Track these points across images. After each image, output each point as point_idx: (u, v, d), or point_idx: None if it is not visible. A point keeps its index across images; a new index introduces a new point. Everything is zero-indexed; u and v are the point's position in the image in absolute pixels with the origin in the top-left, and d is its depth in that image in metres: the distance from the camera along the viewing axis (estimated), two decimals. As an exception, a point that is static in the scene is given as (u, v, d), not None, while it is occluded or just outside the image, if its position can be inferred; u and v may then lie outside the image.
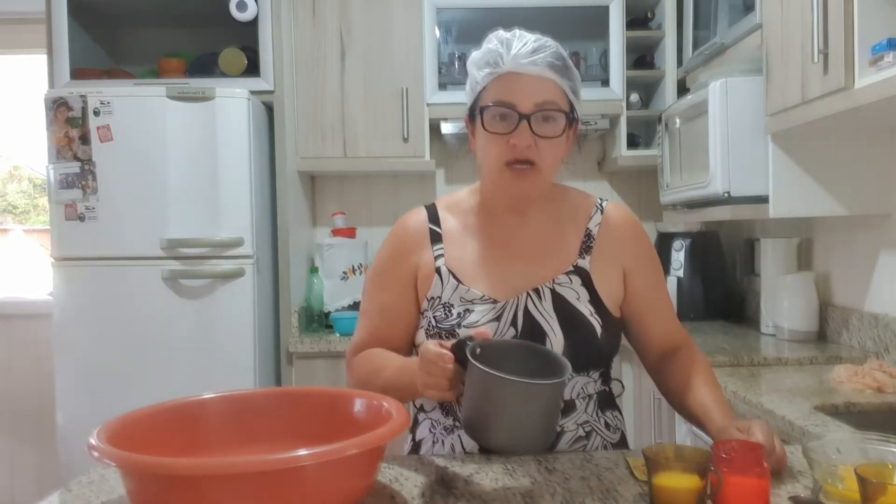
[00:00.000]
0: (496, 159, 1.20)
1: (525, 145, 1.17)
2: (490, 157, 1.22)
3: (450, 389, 1.07)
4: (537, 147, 1.18)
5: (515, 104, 1.17)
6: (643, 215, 3.35)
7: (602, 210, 1.32)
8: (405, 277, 1.29)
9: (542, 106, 1.18)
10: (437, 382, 1.06)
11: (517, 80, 1.18)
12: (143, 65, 3.08)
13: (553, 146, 1.20)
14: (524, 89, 1.17)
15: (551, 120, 1.19)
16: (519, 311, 1.22)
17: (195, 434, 1.08)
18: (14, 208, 4.00)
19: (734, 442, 0.95)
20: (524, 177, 1.20)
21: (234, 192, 2.60)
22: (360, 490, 0.95)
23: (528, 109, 1.17)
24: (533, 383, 0.98)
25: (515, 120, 1.17)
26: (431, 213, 1.33)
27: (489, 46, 1.21)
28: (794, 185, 2.09)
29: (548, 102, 1.18)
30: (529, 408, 0.97)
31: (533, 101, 1.17)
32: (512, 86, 1.18)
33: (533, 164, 1.19)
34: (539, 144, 1.18)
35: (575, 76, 1.23)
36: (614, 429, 1.30)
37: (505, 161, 1.20)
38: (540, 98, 1.18)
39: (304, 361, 2.81)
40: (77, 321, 2.59)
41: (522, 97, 1.17)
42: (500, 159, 1.20)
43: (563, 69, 1.20)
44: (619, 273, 1.29)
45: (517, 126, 1.17)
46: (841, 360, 2.04)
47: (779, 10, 1.97)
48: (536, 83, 1.18)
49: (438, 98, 2.98)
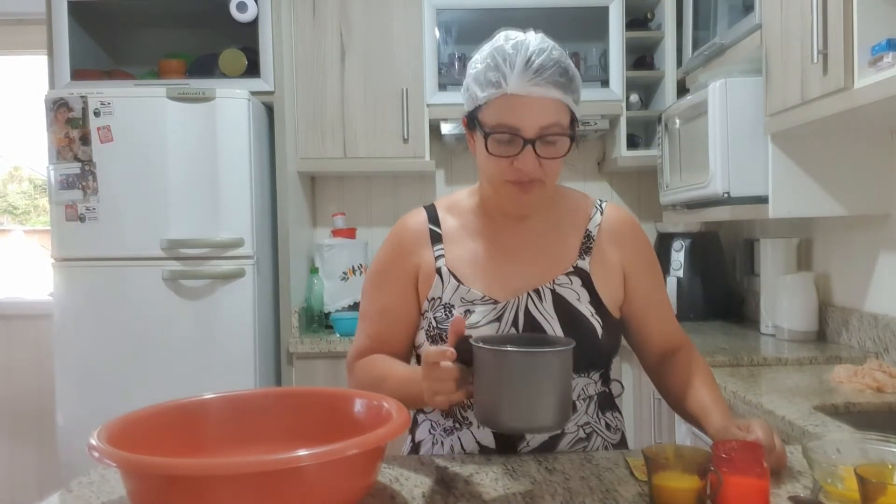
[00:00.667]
0: (498, 176, 1.19)
1: (530, 168, 1.16)
2: (491, 172, 1.20)
3: (457, 390, 1.04)
4: (542, 167, 1.17)
5: (520, 129, 1.14)
6: (643, 216, 3.35)
7: (601, 211, 1.32)
8: (405, 279, 1.29)
9: (546, 129, 1.14)
10: (444, 385, 1.04)
11: (520, 102, 1.13)
12: (144, 65, 3.08)
13: (556, 162, 1.18)
14: (529, 113, 1.13)
15: (556, 143, 1.17)
16: (520, 311, 1.22)
17: (196, 434, 1.08)
18: (14, 209, 4.00)
19: (734, 442, 0.95)
20: (529, 191, 1.19)
21: (235, 193, 2.60)
22: (361, 490, 0.95)
23: (533, 134, 1.14)
24: (539, 352, 0.98)
25: (520, 144, 1.14)
26: (431, 214, 1.33)
27: (490, 63, 1.15)
28: (794, 185, 2.09)
29: (552, 125, 1.14)
30: (540, 382, 0.96)
31: (538, 125, 1.14)
32: (515, 109, 1.14)
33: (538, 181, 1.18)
34: (544, 165, 1.17)
35: (578, 85, 1.19)
36: (615, 430, 1.30)
37: (508, 180, 1.19)
38: (545, 121, 1.14)
39: (304, 362, 2.81)
40: (77, 322, 2.59)
41: (527, 121, 1.13)
42: (501, 176, 1.19)
43: (568, 83, 1.16)
44: (619, 274, 1.29)
45: (522, 150, 1.15)
46: (841, 361, 2.04)
47: (778, 11, 1.97)
48: (540, 105, 1.14)
49: (438, 98, 2.99)
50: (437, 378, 1.04)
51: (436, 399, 1.06)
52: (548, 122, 1.14)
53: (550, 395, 0.97)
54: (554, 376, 0.98)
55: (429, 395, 1.06)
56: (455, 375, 1.03)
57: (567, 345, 1.01)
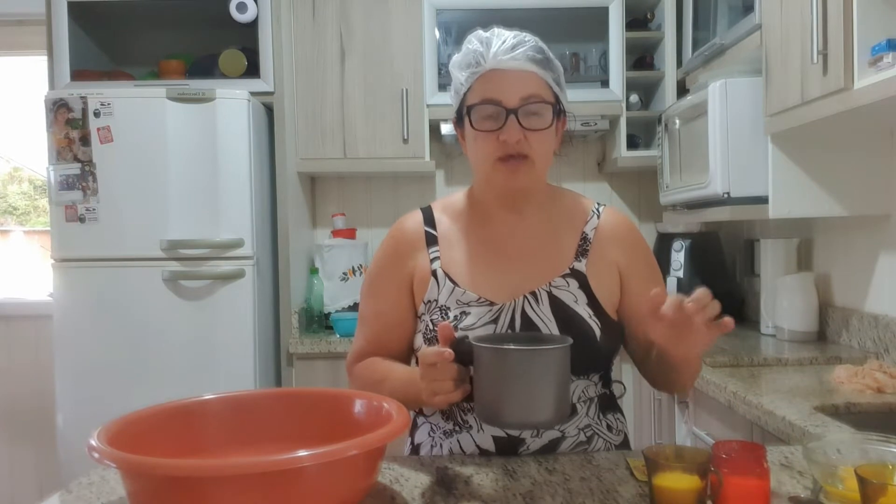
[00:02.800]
0: (488, 156, 1.21)
1: (515, 140, 1.18)
2: (481, 154, 1.22)
3: (455, 390, 1.06)
4: (528, 140, 1.19)
5: (501, 100, 1.18)
6: (643, 216, 3.35)
7: (598, 215, 1.32)
8: (400, 283, 1.29)
9: (527, 99, 1.18)
10: (442, 385, 1.06)
11: (500, 76, 1.19)
12: (144, 66, 3.08)
13: (543, 138, 1.21)
14: (508, 84, 1.18)
15: (538, 113, 1.20)
16: (516, 313, 1.22)
17: (195, 435, 1.09)
18: (14, 210, 3.99)
19: (734, 442, 0.95)
20: (517, 170, 1.21)
21: (235, 194, 2.60)
22: (361, 491, 0.95)
23: (514, 104, 1.18)
24: (538, 349, 1.00)
25: (503, 116, 1.18)
26: (427, 216, 1.33)
27: (469, 47, 1.22)
28: (794, 185, 2.09)
29: (533, 96, 1.19)
30: (539, 378, 0.98)
31: (518, 96, 1.18)
32: (496, 83, 1.19)
33: (526, 157, 1.20)
34: (529, 137, 1.19)
35: (557, 67, 1.24)
36: (617, 431, 1.29)
37: (497, 157, 1.20)
38: (525, 92, 1.18)
39: (304, 362, 2.81)
40: (77, 322, 2.59)
41: (507, 93, 1.18)
42: (491, 156, 1.20)
43: (545, 62, 1.21)
44: (616, 276, 1.29)
45: (505, 122, 1.18)
46: (841, 361, 2.04)
47: (778, 11, 1.97)
48: (519, 77, 1.19)
49: (438, 99, 2.99)
50: (434, 378, 1.06)
51: (434, 399, 1.08)
52: (528, 92, 1.19)
53: (549, 392, 0.99)
54: (552, 373, 1.00)
55: (427, 396, 1.08)
56: (453, 375, 1.06)
57: (564, 342, 1.03)
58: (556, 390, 1.00)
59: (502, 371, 0.99)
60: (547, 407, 0.99)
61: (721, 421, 1.90)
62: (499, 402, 1.00)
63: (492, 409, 1.01)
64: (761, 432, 1.62)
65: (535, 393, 0.98)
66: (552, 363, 1.00)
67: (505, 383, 0.99)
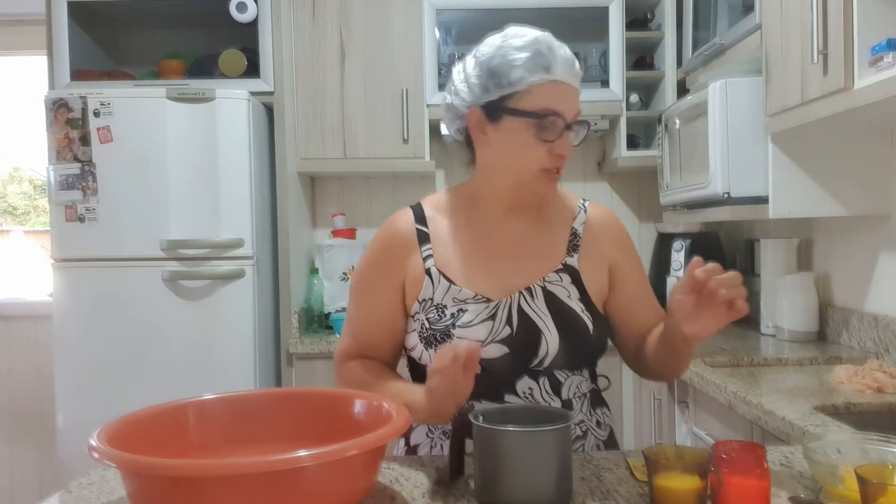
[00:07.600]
0: (534, 163, 1.21)
1: (567, 155, 1.21)
2: (526, 159, 1.21)
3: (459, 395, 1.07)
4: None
5: (563, 113, 1.19)
6: (643, 216, 3.35)
7: (585, 210, 1.34)
8: (393, 282, 1.28)
9: (577, 116, 1.21)
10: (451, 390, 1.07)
11: (564, 89, 1.19)
12: (144, 66, 3.08)
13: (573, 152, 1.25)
14: (568, 98, 1.20)
15: (579, 131, 1.23)
16: (513, 309, 1.22)
17: (196, 435, 1.08)
18: (14, 210, 3.99)
19: (734, 442, 0.95)
20: (556, 179, 1.24)
21: (234, 194, 2.60)
22: (361, 491, 0.95)
23: (570, 119, 1.20)
24: (537, 431, 0.97)
25: (560, 129, 1.19)
26: (418, 213, 1.33)
27: (537, 49, 1.18)
28: (794, 185, 2.09)
29: (579, 113, 1.22)
30: (537, 457, 0.96)
31: (573, 111, 1.20)
32: (561, 95, 1.19)
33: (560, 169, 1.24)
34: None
35: None
36: (605, 426, 1.31)
37: (544, 167, 1.21)
38: (576, 108, 1.21)
39: (304, 362, 2.81)
40: (77, 322, 2.59)
41: (567, 107, 1.19)
42: (537, 163, 1.21)
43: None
44: (605, 270, 1.30)
45: (561, 135, 1.19)
46: (841, 361, 2.04)
47: (778, 11, 1.97)
48: (574, 94, 1.21)
49: (438, 99, 2.98)
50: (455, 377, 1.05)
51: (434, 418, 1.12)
52: (577, 109, 1.22)
53: (549, 471, 0.96)
54: (553, 452, 0.97)
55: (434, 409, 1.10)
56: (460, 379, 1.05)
57: (565, 420, 1.00)
58: (556, 469, 0.97)
59: (501, 452, 0.97)
60: (548, 485, 0.96)
61: (721, 421, 1.90)
62: (499, 482, 0.97)
63: (493, 489, 0.98)
64: (761, 432, 1.62)
65: (536, 473, 0.96)
66: (552, 443, 0.97)
67: (505, 464, 0.96)
